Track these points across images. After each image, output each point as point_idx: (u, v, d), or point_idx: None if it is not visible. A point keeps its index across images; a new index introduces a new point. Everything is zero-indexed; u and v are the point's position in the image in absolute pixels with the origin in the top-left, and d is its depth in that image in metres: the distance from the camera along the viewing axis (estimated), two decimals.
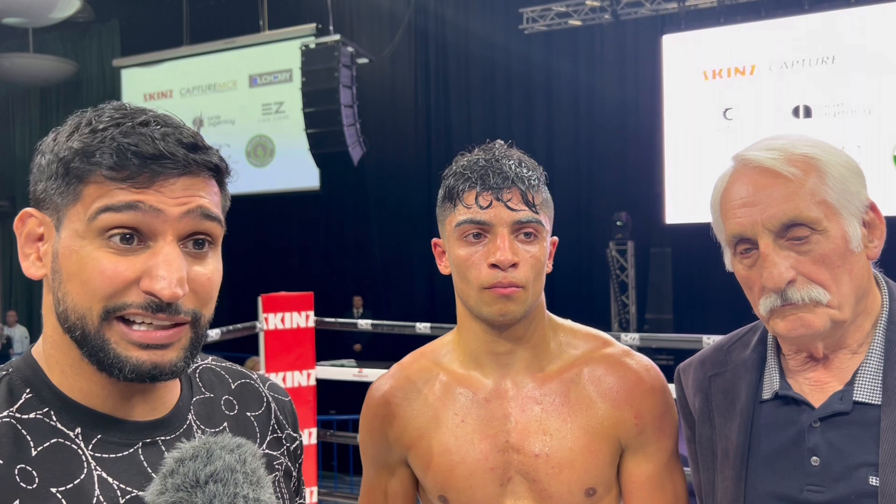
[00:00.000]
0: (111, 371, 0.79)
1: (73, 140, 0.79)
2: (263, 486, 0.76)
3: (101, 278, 0.77)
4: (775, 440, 1.12)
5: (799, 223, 1.04)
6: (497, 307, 1.19)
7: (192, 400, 0.92)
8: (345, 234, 10.56)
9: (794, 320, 1.05)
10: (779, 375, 1.15)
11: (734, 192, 1.09)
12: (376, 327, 4.47)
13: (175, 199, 0.79)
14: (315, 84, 8.29)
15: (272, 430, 0.99)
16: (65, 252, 0.79)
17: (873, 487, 1.02)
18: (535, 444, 1.23)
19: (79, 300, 0.78)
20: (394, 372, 1.36)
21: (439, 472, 1.26)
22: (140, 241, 0.78)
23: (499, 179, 1.18)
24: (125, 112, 0.81)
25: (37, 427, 0.80)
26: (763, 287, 1.07)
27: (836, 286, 1.04)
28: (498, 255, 1.16)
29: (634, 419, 1.25)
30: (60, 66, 11.70)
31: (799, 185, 1.05)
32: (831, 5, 7.27)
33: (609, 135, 8.85)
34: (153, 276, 0.77)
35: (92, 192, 0.78)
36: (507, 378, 1.27)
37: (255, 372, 1.05)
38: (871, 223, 1.09)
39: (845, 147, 6.50)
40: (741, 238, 1.08)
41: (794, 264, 1.04)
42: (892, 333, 1.09)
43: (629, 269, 8.42)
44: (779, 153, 1.07)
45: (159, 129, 0.80)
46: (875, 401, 1.06)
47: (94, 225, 0.78)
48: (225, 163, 0.85)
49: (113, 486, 0.80)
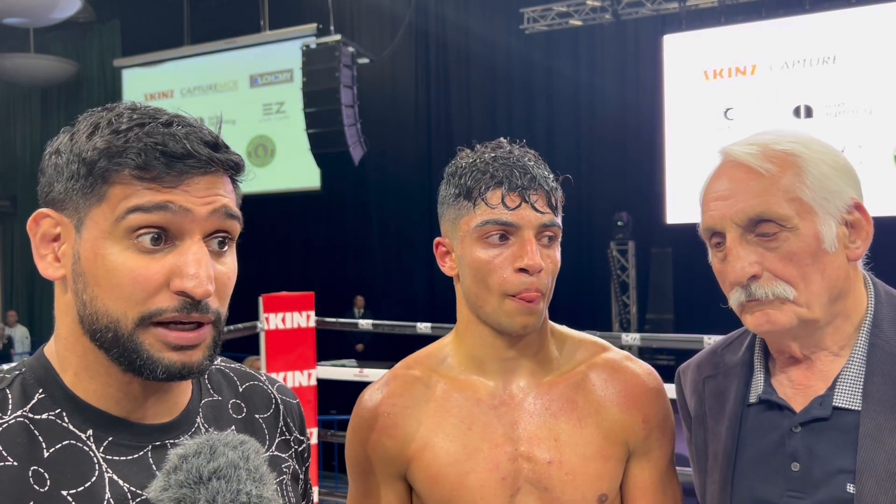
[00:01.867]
0: (142, 372, 0.79)
1: (96, 140, 0.79)
2: (266, 482, 0.76)
3: (132, 283, 0.77)
4: (759, 445, 1.11)
5: (767, 219, 1.03)
6: (520, 319, 1.13)
7: (201, 402, 0.92)
8: (346, 234, 10.56)
9: (760, 316, 1.05)
10: (764, 379, 1.14)
11: (712, 186, 1.10)
12: (377, 327, 4.47)
13: (201, 198, 0.79)
14: (316, 84, 8.29)
15: (280, 433, 0.98)
16: (88, 255, 0.78)
17: (850, 495, 1.01)
18: (546, 451, 1.18)
19: (111, 305, 0.78)
20: (387, 380, 1.27)
21: (447, 483, 1.18)
22: (167, 240, 0.78)
23: (526, 179, 1.12)
24: (144, 112, 0.81)
25: (49, 428, 0.80)
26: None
27: (804, 284, 1.03)
28: (526, 260, 1.10)
29: (642, 423, 1.23)
30: (61, 66, 11.71)
31: (771, 181, 1.04)
32: (832, 5, 7.27)
33: (610, 135, 8.85)
34: (184, 275, 0.77)
35: (118, 193, 0.77)
36: (512, 384, 1.21)
37: (263, 373, 1.04)
38: (856, 223, 1.07)
39: (846, 147, 6.44)
40: (713, 231, 1.09)
41: (759, 259, 1.04)
42: (875, 338, 1.06)
43: (630, 269, 8.42)
44: (758, 148, 1.07)
45: (182, 128, 0.80)
46: (855, 406, 1.04)
47: (122, 225, 0.77)
48: (243, 162, 0.86)
49: (123, 488, 0.80)
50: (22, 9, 9.70)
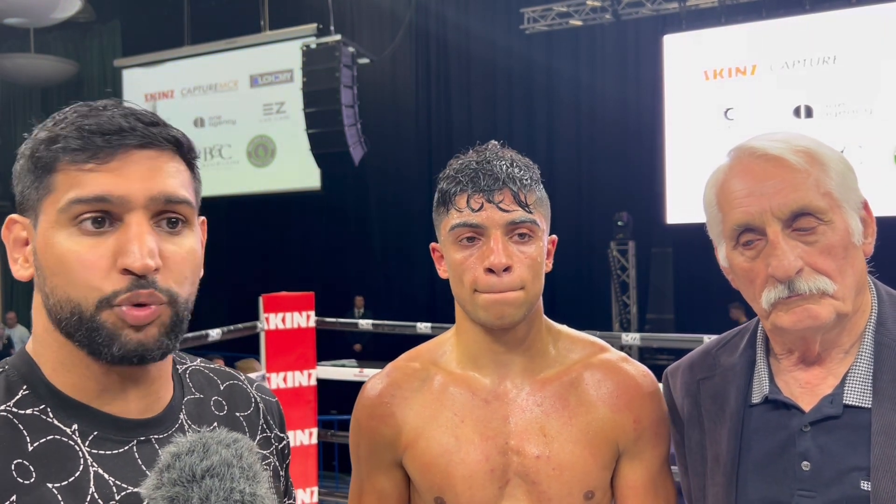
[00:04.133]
0: (99, 351, 0.80)
1: (40, 134, 0.83)
2: (260, 480, 0.76)
3: (81, 267, 0.79)
4: (765, 445, 1.11)
5: (807, 213, 1.03)
6: (494, 311, 1.17)
7: (183, 400, 0.93)
8: (346, 234, 10.56)
9: (801, 311, 1.03)
10: (768, 378, 1.13)
11: (737, 183, 1.08)
12: (377, 327, 4.47)
13: (140, 180, 0.81)
14: (316, 84, 8.29)
15: (261, 430, 1.00)
16: (42, 246, 0.81)
17: (865, 492, 1.01)
18: (535, 446, 1.22)
19: (71, 291, 0.80)
20: (388, 371, 1.33)
21: (437, 472, 1.24)
22: (111, 222, 0.80)
23: (489, 181, 1.17)
24: (90, 105, 0.84)
25: (33, 423, 0.81)
26: (768, 278, 1.05)
27: (840, 277, 1.03)
28: (492, 259, 1.15)
29: (633, 424, 1.25)
30: (62, 66, 11.70)
31: (805, 174, 1.04)
32: (832, 5, 7.27)
33: (610, 135, 8.85)
34: (125, 251, 0.79)
35: (62, 181, 0.80)
36: (507, 380, 1.25)
37: (242, 373, 1.06)
38: (865, 220, 1.09)
39: (846, 147, 6.45)
40: (747, 227, 1.06)
41: (801, 254, 1.03)
42: (880, 335, 1.07)
43: (630, 269, 8.42)
44: (783, 143, 1.06)
45: (118, 110, 0.83)
46: (866, 404, 1.04)
47: (66, 213, 0.79)
48: (187, 139, 0.87)
49: (109, 482, 0.81)
50: (22, 9, 9.70)
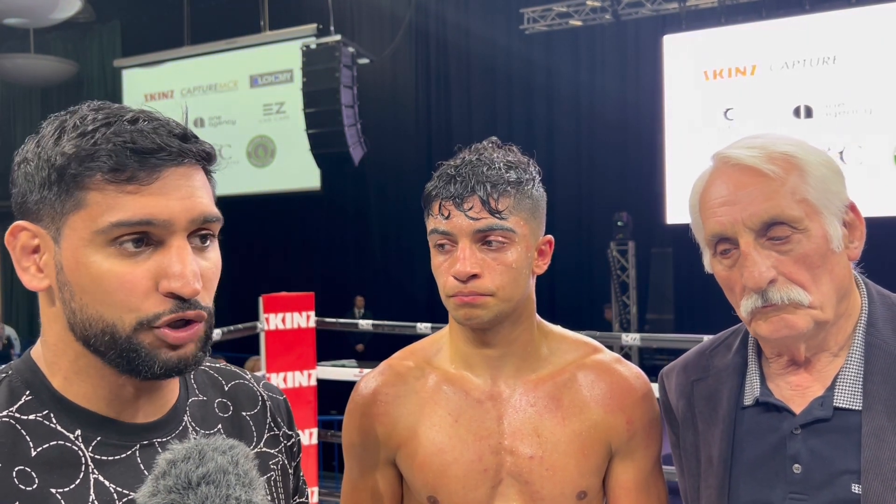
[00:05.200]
0: (139, 371, 0.79)
1: (64, 145, 0.77)
2: (256, 487, 0.76)
3: (121, 289, 0.77)
4: (757, 447, 1.11)
5: (780, 222, 1.02)
6: (462, 312, 1.18)
7: (188, 401, 0.92)
8: (346, 234, 10.56)
9: (777, 321, 1.03)
10: (759, 381, 1.13)
11: (714, 191, 1.08)
12: (377, 327, 4.47)
13: (180, 199, 0.79)
14: (316, 84, 8.29)
15: (269, 429, 0.99)
16: (71, 264, 0.78)
17: (856, 495, 1.01)
18: (528, 446, 1.22)
19: (104, 311, 0.78)
20: (382, 369, 1.33)
21: (431, 471, 1.24)
22: (149, 242, 0.78)
23: (459, 188, 1.17)
24: (109, 111, 0.80)
25: (36, 429, 0.80)
26: (744, 288, 1.04)
27: (815, 287, 1.02)
28: (458, 267, 1.16)
29: (626, 425, 1.25)
30: (61, 66, 11.70)
31: (780, 183, 1.03)
32: (832, 5, 7.26)
33: (610, 135, 8.85)
34: (170, 275, 0.78)
35: (96, 200, 0.76)
36: (500, 380, 1.26)
37: (249, 372, 1.05)
38: (851, 224, 1.08)
39: (846, 147, 6.45)
40: (721, 237, 1.06)
41: (774, 264, 1.02)
42: (871, 337, 1.06)
43: (630, 270, 8.42)
44: (759, 151, 1.05)
45: (148, 124, 0.79)
46: (856, 406, 1.04)
47: (105, 235, 0.77)
48: (214, 150, 0.86)
49: (109, 489, 0.80)
50: (22, 9, 9.69)
